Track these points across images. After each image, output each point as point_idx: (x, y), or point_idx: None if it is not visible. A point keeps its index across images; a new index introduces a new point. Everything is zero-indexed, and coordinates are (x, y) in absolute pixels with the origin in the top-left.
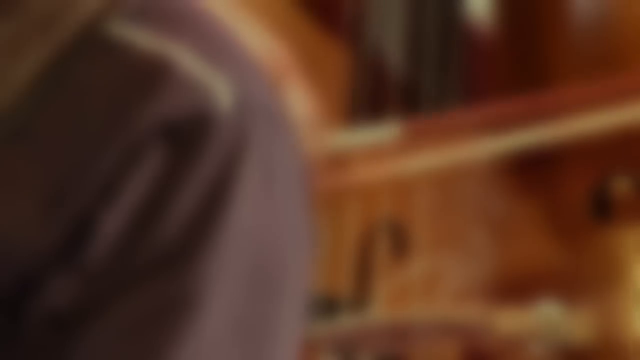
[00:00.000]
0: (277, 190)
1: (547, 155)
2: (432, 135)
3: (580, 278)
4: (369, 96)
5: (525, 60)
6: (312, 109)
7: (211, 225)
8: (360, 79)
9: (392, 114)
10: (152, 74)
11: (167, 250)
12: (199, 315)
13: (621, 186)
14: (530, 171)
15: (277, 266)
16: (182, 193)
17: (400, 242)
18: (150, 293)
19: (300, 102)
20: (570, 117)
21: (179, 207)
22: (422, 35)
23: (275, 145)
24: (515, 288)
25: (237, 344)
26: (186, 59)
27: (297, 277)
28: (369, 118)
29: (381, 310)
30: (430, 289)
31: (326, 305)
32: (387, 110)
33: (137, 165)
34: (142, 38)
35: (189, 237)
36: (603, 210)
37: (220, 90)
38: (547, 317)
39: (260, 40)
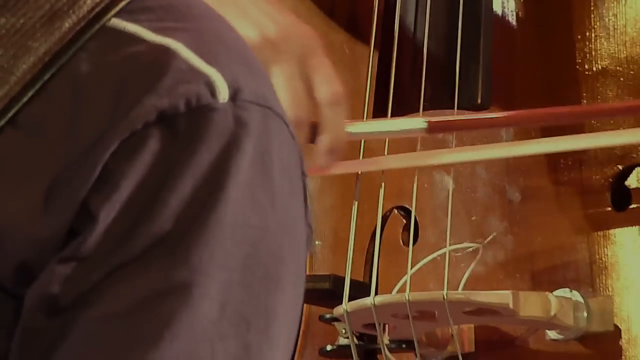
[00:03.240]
0: (272, 181)
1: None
2: (456, 132)
3: (589, 274)
4: (398, 88)
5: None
6: (339, 90)
7: (206, 214)
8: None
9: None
10: (153, 67)
11: (163, 237)
12: (194, 300)
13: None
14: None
15: (272, 254)
16: (179, 182)
17: (416, 229)
18: (146, 279)
19: (326, 82)
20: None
21: (175, 197)
22: (453, 30)
23: (271, 138)
24: (537, 276)
25: (231, 327)
26: (185, 53)
27: (293, 265)
28: (396, 110)
29: (399, 294)
30: (441, 274)
31: (354, 288)
32: (413, 103)
33: (135, 155)
34: (144, 32)
35: (185, 225)
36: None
37: (217, 84)
38: (566, 305)
39: (251, 25)
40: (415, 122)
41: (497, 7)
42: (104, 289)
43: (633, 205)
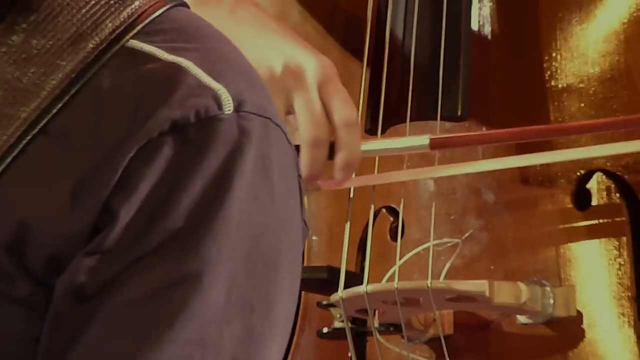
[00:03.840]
0: (272, 184)
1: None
2: (455, 149)
3: (555, 266)
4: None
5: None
6: (353, 113)
7: (214, 212)
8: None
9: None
10: (166, 82)
11: (176, 233)
12: (204, 288)
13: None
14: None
15: (272, 247)
16: (190, 184)
17: (402, 226)
18: (161, 270)
19: (342, 106)
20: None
21: (186, 196)
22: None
23: (270, 145)
24: (510, 268)
25: (237, 312)
26: (195, 71)
27: (290, 256)
28: (386, 120)
29: (389, 283)
30: (425, 265)
31: (348, 277)
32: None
33: (151, 160)
34: (158, 52)
35: (195, 222)
36: (584, 200)
37: (223, 98)
38: (535, 293)
39: (274, 55)
40: (419, 140)
41: (475, 28)
42: (125, 279)
43: (593, 205)
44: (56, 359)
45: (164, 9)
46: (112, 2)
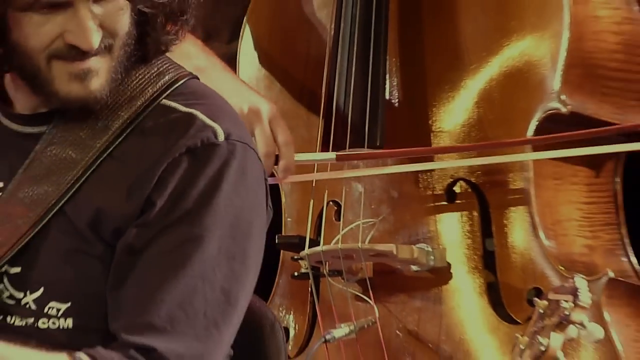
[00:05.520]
0: (247, 182)
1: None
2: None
3: (434, 235)
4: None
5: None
6: (289, 137)
7: (211, 199)
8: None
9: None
10: (185, 124)
11: (188, 211)
12: (204, 245)
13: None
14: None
15: (246, 220)
16: (197, 182)
17: (342, 212)
18: (179, 233)
19: (282, 132)
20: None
21: (194, 190)
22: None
23: (247, 159)
24: (407, 237)
25: (223, 259)
26: (201, 116)
27: (258, 228)
28: (335, 146)
29: (335, 245)
30: (357, 235)
31: (310, 243)
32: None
33: (175, 170)
34: (179, 106)
35: (200, 205)
36: (452, 197)
37: (218, 132)
38: (422, 252)
39: (243, 103)
40: (330, 155)
41: (387, 95)
42: (157, 239)
43: (457, 201)
44: (117, 288)
45: (183, 80)
46: (152, 77)
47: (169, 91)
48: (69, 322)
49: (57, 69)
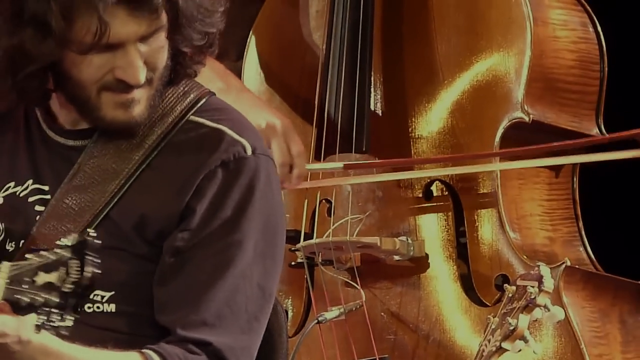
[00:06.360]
0: (272, 190)
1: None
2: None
3: (414, 229)
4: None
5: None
6: (302, 149)
7: (246, 207)
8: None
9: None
10: (215, 139)
11: (227, 219)
12: (243, 248)
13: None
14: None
15: (274, 223)
16: (232, 193)
17: (333, 209)
18: (221, 239)
19: (296, 145)
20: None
21: (230, 200)
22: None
23: (270, 170)
24: (390, 230)
25: (258, 259)
26: (230, 132)
27: (282, 228)
28: (326, 152)
29: (327, 238)
30: (345, 230)
31: (305, 236)
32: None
33: (212, 180)
34: (206, 122)
35: (237, 212)
36: (429, 195)
37: (247, 146)
38: (403, 244)
39: (261, 119)
40: (338, 164)
41: (372, 107)
42: (202, 244)
43: (434, 199)
44: (164, 285)
45: (205, 98)
46: (179, 96)
47: (195, 108)
48: (112, 307)
49: (105, 98)
